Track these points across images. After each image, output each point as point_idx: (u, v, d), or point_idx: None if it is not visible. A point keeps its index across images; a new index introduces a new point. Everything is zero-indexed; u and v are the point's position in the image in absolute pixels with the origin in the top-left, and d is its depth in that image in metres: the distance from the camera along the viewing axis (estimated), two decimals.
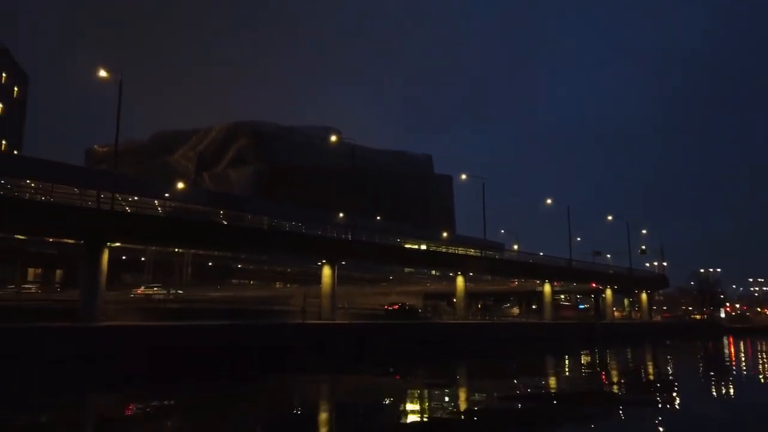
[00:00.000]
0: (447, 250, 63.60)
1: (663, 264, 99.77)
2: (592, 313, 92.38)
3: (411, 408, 19.09)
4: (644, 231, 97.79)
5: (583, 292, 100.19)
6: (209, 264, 79.23)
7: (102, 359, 27.23)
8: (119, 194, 40.59)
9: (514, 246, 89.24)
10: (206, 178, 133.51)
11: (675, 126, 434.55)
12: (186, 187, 75.58)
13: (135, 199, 48.04)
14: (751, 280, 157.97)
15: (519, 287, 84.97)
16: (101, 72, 36.16)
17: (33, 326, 27.80)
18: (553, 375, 31.03)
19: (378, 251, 53.71)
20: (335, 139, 75.13)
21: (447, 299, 79.12)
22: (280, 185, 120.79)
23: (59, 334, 27.78)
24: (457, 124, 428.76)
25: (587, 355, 44.28)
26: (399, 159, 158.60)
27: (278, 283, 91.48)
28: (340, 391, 23.56)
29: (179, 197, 63.19)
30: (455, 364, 34.90)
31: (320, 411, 18.58)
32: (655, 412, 18.18)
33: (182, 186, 70.67)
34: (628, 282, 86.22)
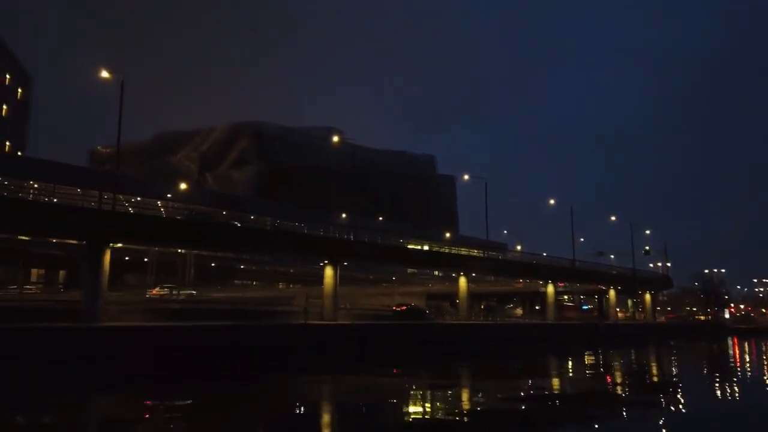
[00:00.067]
0: (449, 251, 63.50)
1: (667, 264, 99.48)
2: (596, 314, 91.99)
3: (412, 408, 18.98)
4: (648, 231, 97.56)
5: (587, 293, 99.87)
6: (212, 265, 79.15)
7: (103, 359, 27.20)
8: (122, 195, 40.69)
9: (517, 246, 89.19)
10: (209, 179, 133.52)
11: (675, 126, 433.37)
12: (189, 188, 75.61)
13: (138, 200, 48.18)
14: (756, 281, 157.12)
15: (522, 288, 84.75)
16: (103, 72, 36.26)
17: (34, 326, 27.80)
18: (556, 376, 30.86)
19: (380, 252, 53.63)
20: (337, 140, 74.91)
21: (450, 300, 78.93)
22: (282, 186, 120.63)
23: (60, 335, 27.76)
24: (457, 124, 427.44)
25: (590, 356, 44.02)
26: (401, 159, 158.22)
27: (281, 284, 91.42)
28: (341, 392, 23.48)
29: (182, 198, 63.27)
30: (457, 365, 34.76)
31: (322, 411, 18.53)
32: (660, 414, 18.01)
33: (185, 186, 70.71)
34: (632, 282, 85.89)
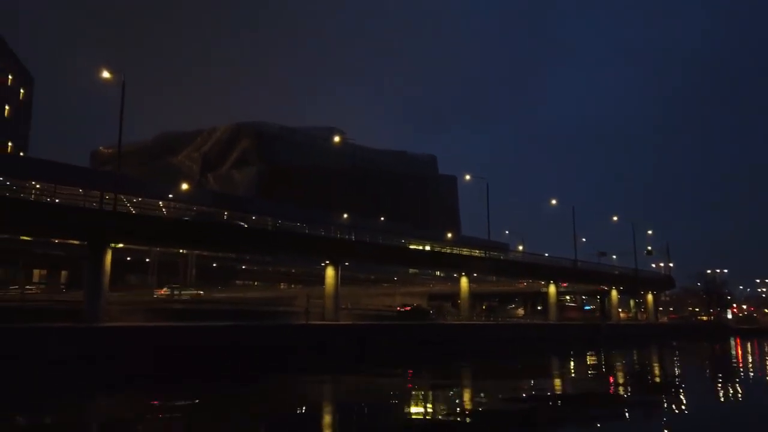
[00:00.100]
0: (451, 251, 63.39)
1: (669, 265, 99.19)
2: (598, 315, 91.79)
3: (411, 408, 18.92)
4: (650, 232, 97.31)
5: (589, 293, 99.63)
6: (214, 265, 79.23)
7: (103, 359, 27.18)
8: (124, 195, 40.71)
9: (519, 247, 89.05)
10: (210, 179, 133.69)
11: (675, 126, 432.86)
12: (190, 188, 75.66)
13: (139, 200, 48.19)
14: (758, 281, 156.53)
15: (524, 288, 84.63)
16: (104, 73, 36.23)
17: (34, 327, 27.79)
18: (557, 376, 30.71)
19: (381, 252, 53.56)
20: (338, 140, 74.91)
21: (452, 300, 78.82)
22: (283, 186, 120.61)
23: (60, 335, 27.75)
24: (457, 124, 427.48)
25: (592, 357, 43.84)
26: (402, 159, 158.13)
27: (283, 285, 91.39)
28: (341, 392, 23.47)
29: (184, 198, 63.27)
30: (457, 365, 34.61)
31: (321, 411, 18.49)
32: (662, 415, 17.92)
33: (186, 187, 70.75)
34: (634, 283, 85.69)
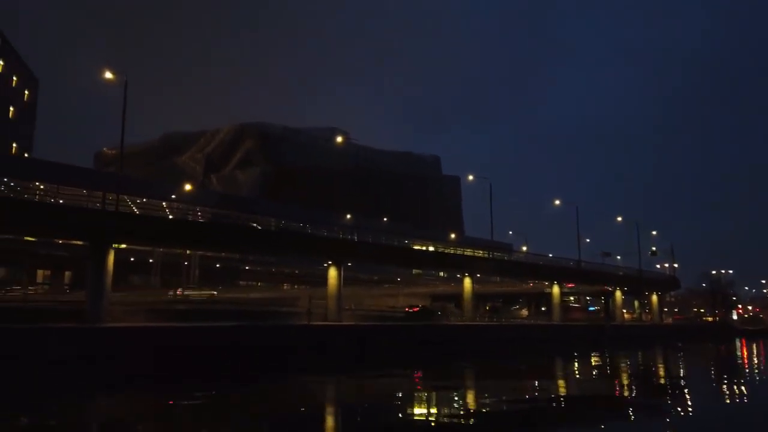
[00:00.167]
0: (454, 252, 63.15)
1: (674, 265, 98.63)
2: (602, 315, 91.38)
3: (409, 409, 18.84)
4: (654, 232, 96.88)
5: (593, 294, 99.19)
6: (217, 266, 79.33)
7: (103, 359, 27.19)
8: (127, 196, 40.72)
9: (523, 247, 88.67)
10: (214, 180, 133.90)
11: (675, 126, 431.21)
12: (194, 189, 75.73)
13: (143, 201, 48.25)
14: (764, 282, 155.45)
15: (528, 289, 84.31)
16: (106, 74, 36.20)
17: (35, 327, 27.78)
18: (560, 377, 30.52)
19: (384, 252, 53.35)
20: (341, 140, 74.86)
21: (455, 301, 78.57)
22: (287, 186, 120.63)
23: (60, 335, 27.76)
24: (457, 124, 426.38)
25: (596, 358, 43.65)
26: (405, 160, 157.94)
27: (286, 285, 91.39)
28: (341, 392, 23.47)
29: (187, 199, 63.32)
30: (459, 366, 34.40)
31: (321, 411, 18.43)
32: (667, 418, 17.73)
33: (189, 187, 70.78)
34: (638, 283, 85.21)
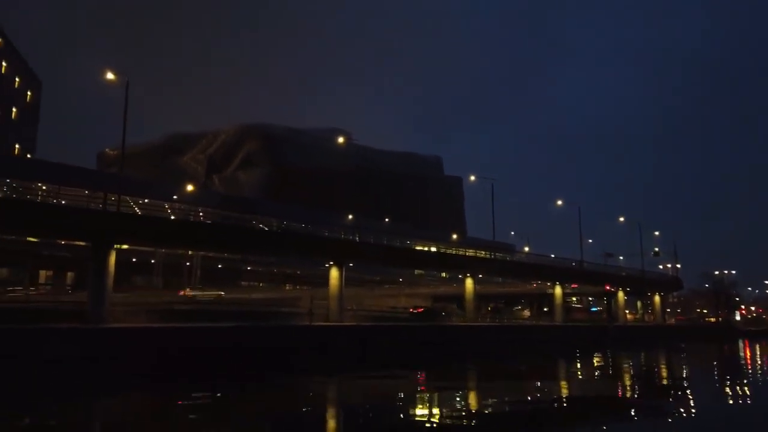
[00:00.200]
0: (456, 252, 63.06)
1: (676, 266, 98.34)
2: (605, 316, 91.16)
3: (410, 409, 18.84)
4: (657, 233, 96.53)
5: (596, 295, 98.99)
6: (219, 266, 79.23)
7: (106, 360, 27.20)
8: (129, 197, 40.79)
9: (525, 248, 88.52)
10: (216, 181, 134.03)
11: (675, 126, 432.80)
12: (196, 190, 75.69)
13: (145, 202, 48.26)
14: (767, 282, 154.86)
15: (530, 289, 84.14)
16: (108, 74, 36.23)
17: (39, 327, 27.83)
18: (562, 378, 30.37)
19: (386, 252, 53.30)
20: (342, 140, 74.86)
21: (457, 302, 78.47)
22: (289, 187, 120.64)
23: (64, 335, 27.80)
24: (458, 124, 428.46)
25: (599, 359, 43.51)
26: (408, 160, 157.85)
27: (288, 286, 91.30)
28: (343, 392, 23.49)
29: (190, 199, 63.29)
30: (460, 367, 34.39)
31: (323, 412, 18.48)
32: (670, 418, 17.64)
33: (191, 188, 70.76)
34: (641, 284, 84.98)
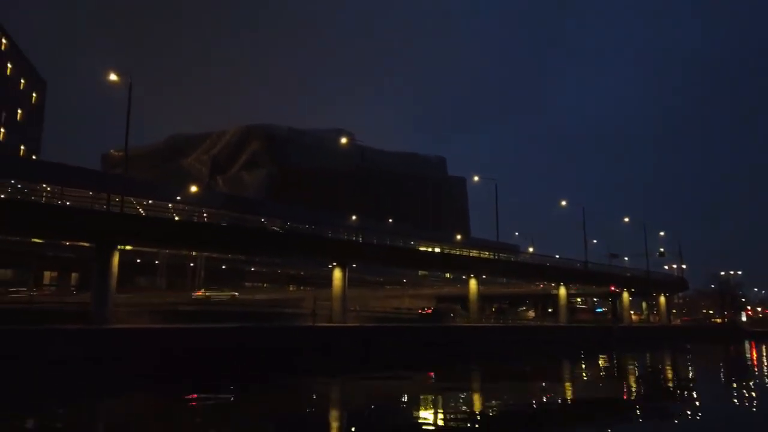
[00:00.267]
0: (460, 253, 62.93)
1: (682, 266, 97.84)
2: (610, 317, 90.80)
3: (413, 410, 18.70)
4: (662, 233, 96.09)
5: (600, 296, 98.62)
6: (223, 267, 79.37)
7: (110, 361, 27.22)
8: (133, 198, 40.84)
9: (530, 248, 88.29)
10: (220, 182, 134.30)
11: (675, 126, 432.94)
12: (200, 191, 75.90)
13: (149, 203, 48.32)
14: None
15: (534, 290, 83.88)
16: (111, 75, 36.21)
17: (43, 328, 27.87)
18: (565, 380, 30.10)
19: (389, 253, 53.18)
20: (345, 141, 74.83)
21: (461, 302, 78.32)
22: (293, 188, 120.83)
23: (68, 336, 27.83)
24: (458, 125, 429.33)
25: (603, 360, 43.23)
26: (411, 161, 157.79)
27: (292, 286, 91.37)
28: (346, 393, 23.46)
29: (193, 200, 63.41)
30: (464, 367, 34.23)
31: (326, 412, 18.50)
32: (675, 421, 17.46)
33: (195, 189, 70.92)
34: (646, 285, 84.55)
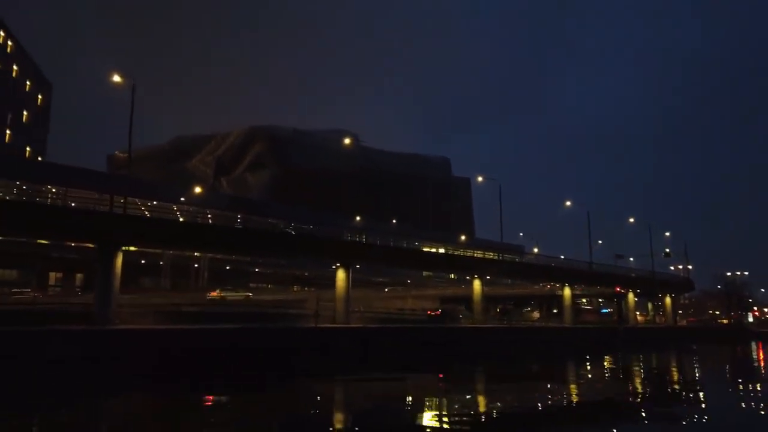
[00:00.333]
0: (464, 253, 62.75)
1: (687, 267, 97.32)
2: (615, 318, 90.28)
3: (410, 410, 18.69)
4: (667, 233, 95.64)
5: (605, 296, 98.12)
6: (227, 268, 79.48)
7: (107, 360, 27.24)
8: (138, 199, 40.98)
9: (534, 249, 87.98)
10: (224, 183, 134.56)
11: (675, 126, 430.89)
12: (204, 192, 75.94)
13: (153, 204, 48.44)
14: None
15: (539, 291, 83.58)
16: (115, 77, 36.28)
17: (41, 329, 27.93)
18: (569, 381, 29.82)
19: (393, 254, 53.08)
20: (349, 142, 74.80)
21: (465, 303, 78.07)
22: (296, 189, 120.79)
23: (64, 336, 27.92)
24: (458, 125, 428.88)
25: (609, 361, 42.98)
26: (414, 161, 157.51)
27: (296, 287, 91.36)
28: (347, 393, 23.52)
29: (198, 201, 63.49)
30: (465, 368, 34.11)
31: (325, 411, 18.51)
32: (684, 422, 17.26)
33: (199, 190, 70.97)
34: (651, 285, 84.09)
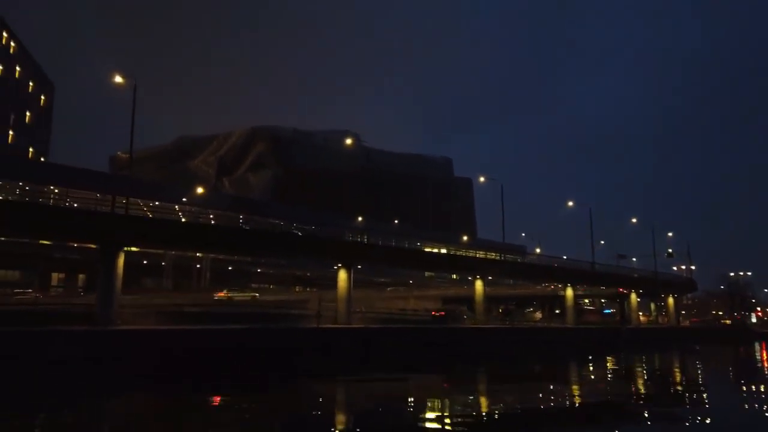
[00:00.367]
0: (466, 254, 62.69)
1: (691, 267, 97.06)
2: (618, 318, 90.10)
3: (410, 410, 18.63)
4: (670, 233, 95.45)
5: (608, 297, 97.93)
6: (229, 268, 79.52)
7: (109, 361, 27.26)
8: (140, 199, 41.04)
9: (537, 249, 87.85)
10: (226, 183, 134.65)
11: (675, 126, 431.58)
12: (206, 192, 76.05)
13: (155, 204, 48.52)
14: None
15: (541, 291, 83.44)
16: (117, 77, 36.35)
17: (44, 330, 27.98)
18: (572, 382, 29.68)
19: (394, 254, 53.05)
20: (350, 142, 74.80)
21: (467, 303, 77.99)
22: (298, 189, 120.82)
23: (66, 337, 27.96)
24: (458, 125, 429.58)
25: (611, 362, 42.86)
26: (416, 162, 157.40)
27: (298, 287, 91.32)
28: (344, 393, 23.56)
29: (200, 202, 63.56)
30: (466, 369, 34.07)
31: (326, 411, 18.49)
32: (687, 423, 17.17)
33: (201, 190, 71.05)
34: (654, 286, 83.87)
